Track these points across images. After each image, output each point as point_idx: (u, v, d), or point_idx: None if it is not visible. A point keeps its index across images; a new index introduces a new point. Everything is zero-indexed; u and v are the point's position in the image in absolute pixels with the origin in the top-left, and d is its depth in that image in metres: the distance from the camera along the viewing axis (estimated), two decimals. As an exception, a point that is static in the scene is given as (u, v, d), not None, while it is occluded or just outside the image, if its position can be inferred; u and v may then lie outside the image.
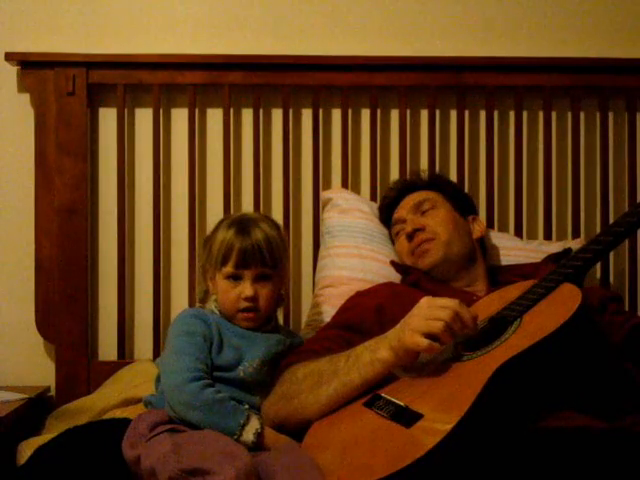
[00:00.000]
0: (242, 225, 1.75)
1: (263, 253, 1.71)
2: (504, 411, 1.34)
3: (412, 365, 1.48)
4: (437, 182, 2.10)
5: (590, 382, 1.43)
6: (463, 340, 1.48)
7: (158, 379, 1.72)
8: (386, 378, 1.50)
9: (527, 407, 1.37)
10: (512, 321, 1.47)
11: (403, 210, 2.03)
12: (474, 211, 2.12)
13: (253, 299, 1.72)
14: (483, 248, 2.06)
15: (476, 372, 1.36)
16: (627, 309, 2.29)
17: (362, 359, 1.51)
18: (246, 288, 1.72)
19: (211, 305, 1.79)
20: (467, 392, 1.31)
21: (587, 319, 1.44)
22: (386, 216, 2.12)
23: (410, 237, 1.96)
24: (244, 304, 1.72)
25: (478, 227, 2.04)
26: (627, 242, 2.34)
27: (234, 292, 1.72)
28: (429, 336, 1.42)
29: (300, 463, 1.39)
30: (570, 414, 1.37)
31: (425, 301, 1.48)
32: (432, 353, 1.44)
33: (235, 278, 1.73)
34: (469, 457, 1.26)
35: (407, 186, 2.10)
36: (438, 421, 1.29)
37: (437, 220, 1.96)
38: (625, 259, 2.37)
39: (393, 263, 2.05)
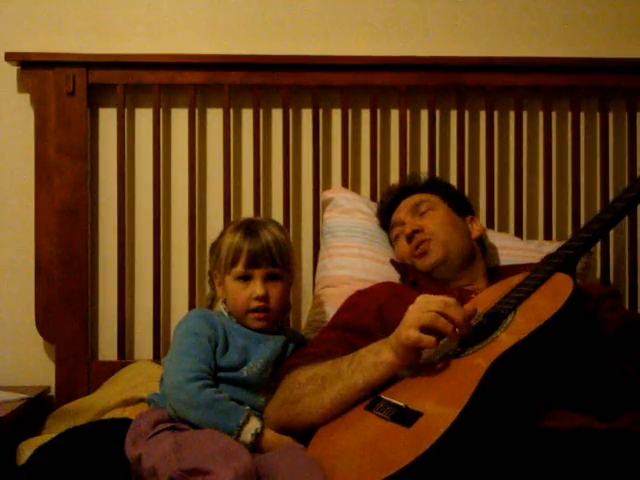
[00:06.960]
0: (250, 227, 1.76)
1: (272, 253, 1.72)
2: (502, 404, 1.34)
3: (414, 366, 1.48)
4: (434, 184, 2.12)
5: (586, 374, 1.43)
6: (461, 338, 1.48)
7: (162, 378, 1.72)
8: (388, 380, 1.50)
9: (526, 399, 1.37)
10: (507, 314, 1.47)
11: (401, 213, 2.04)
12: (472, 212, 2.12)
13: (264, 298, 1.72)
14: (482, 248, 2.06)
15: (472, 367, 1.37)
16: (627, 304, 2.31)
17: (365, 362, 1.51)
18: (257, 287, 1.72)
19: (219, 307, 1.79)
20: (464, 388, 1.31)
21: (580, 307, 1.45)
22: (384, 220, 2.13)
23: (409, 239, 1.96)
24: (255, 304, 1.72)
25: (476, 227, 2.05)
26: (627, 240, 2.34)
27: (245, 292, 1.73)
28: (423, 329, 1.42)
29: (301, 463, 1.39)
30: (568, 414, 1.37)
31: (420, 298, 1.49)
32: (427, 347, 1.44)
33: (245, 278, 1.73)
34: (470, 455, 1.26)
35: (404, 190, 2.11)
36: (437, 418, 1.30)
37: (435, 221, 1.96)
38: (625, 255, 2.37)
39: (393, 262, 2.05)
